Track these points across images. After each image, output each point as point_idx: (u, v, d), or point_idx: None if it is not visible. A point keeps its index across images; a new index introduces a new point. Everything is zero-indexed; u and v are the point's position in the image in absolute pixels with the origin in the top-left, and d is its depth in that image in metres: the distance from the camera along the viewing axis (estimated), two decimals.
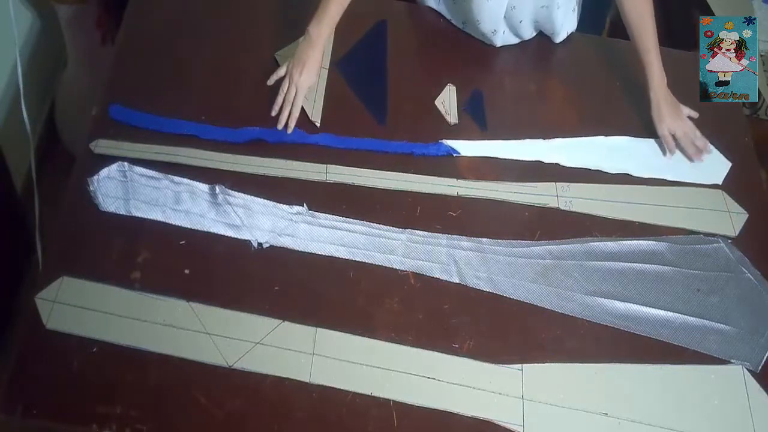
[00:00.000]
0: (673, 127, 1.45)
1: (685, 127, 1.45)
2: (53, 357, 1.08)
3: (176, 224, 1.22)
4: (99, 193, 1.22)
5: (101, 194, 1.22)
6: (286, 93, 1.37)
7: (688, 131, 1.45)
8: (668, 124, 1.45)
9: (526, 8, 1.51)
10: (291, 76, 1.37)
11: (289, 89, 1.37)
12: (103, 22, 1.91)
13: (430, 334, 1.18)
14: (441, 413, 1.11)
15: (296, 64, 1.37)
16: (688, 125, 1.46)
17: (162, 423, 1.05)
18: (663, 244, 1.34)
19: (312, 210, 1.28)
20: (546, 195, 1.37)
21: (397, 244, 1.26)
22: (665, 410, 1.16)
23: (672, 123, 1.45)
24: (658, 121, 1.45)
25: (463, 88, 1.51)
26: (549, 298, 1.25)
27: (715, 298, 1.28)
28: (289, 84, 1.37)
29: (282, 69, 1.40)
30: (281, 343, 1.13)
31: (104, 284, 1.14)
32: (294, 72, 1.37)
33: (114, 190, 1.24)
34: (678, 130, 1.45)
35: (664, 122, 1.45)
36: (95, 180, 1.23)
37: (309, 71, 1.37)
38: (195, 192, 1.25)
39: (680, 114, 1.46)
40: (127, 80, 1.41)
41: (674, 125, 1.45)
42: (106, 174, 1.24)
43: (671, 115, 1.45)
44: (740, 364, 1.21)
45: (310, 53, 1.37)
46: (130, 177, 1.25)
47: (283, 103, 1.37)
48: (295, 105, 1.37)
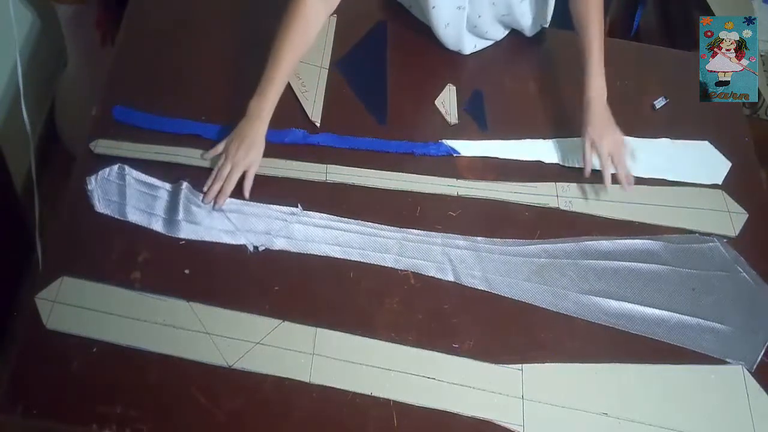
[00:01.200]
0: (596, 140, 1.28)
1: (611, 147, 1.29)
2: (53, 357, 1.08)
3: (171, 235, 1.21)
4: (96, 193, 1.22)
5: (98, 195, 1.22)
6: (221, 168, 1.25)
7: (615, 152, 1.28)
8: (592, 135, 1.29)
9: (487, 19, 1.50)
10: (227, 151, 1.26)
11: (224, 165, 1.25)
12: (103, 22, 1.92)
13: (430, 334, 1.18)
14: (441, 413, 1.11)
15: (234, 140, 1.27)
16: (617, 147, 1.30)
17: (162, 423, 1.05)
18: (658, 243, 1.34)
19: (312, 210, 1.28)
20: (546, 195, 1.37)
21: (392, 243, 1.26)
22: (665, 410, 1.16)
23: (597, 136, 1.28)
24: (583, 133, 1.32)
25: (463, 88, 1.51)
26: (544, 297, 1.25)
27: (711, 297, 1.28)
28: (224, 160, 1.26)
29: (220, 145, 1.29)
30: (281, 343, 1.13)
31: (104, 284, 1.14)
32: (231, 148, 1.26)
33: (111, 192, 1.23)
34: (601, 147, 1.29)
35: (588, 133, 1.30)
36: (93, 180, 1.23)
37: (247, 148, 1.25)
38: (190, 200, 1.24)
39: (612, 131, 1.32)
40: (127, 80, 1.41)
41: (599, 140, 1.28)
42: (105, 175, 1.24)
43: (599, 128, 1.29)
44: (735, 363, 1.21)
45: (248, 130, 1.27)
46: (128, 181, 1.24)
47: (215, 178, 1.25)
48: (227, 182, 1.24)
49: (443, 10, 1.47)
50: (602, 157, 1.31)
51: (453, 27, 1.50)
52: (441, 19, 1.49)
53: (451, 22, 1.49)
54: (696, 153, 1.50)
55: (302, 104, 1.42)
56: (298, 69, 1.46)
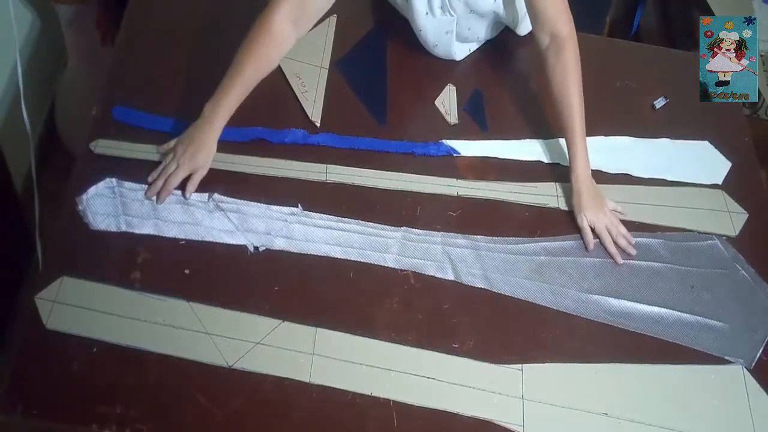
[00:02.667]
0: (592, 219, 1.32)
1: (606, 222, 1.33)
2: (53, 357, 1.08)
3: (170, 236, 1.21)
4: (89, 211, 1.21)
5: (91, 212, 1.21)
6: (167, 165, 1.24)
7: (611, 227, 1.33)
8: (588, 216, 1.32)
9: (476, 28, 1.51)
10: (176, 151, 1.24)
11: (171, 163, 1.24)
12: (103, 22, 1.91)
13: (430, 334, 1.18)
14: (441, 413, 1.11)
15: (183, 141, 1.25)
16: (611, 221, 1.33)
17: (162, 423, 1.05)
18: (658, 240, 1.34)
19: (312, 210, 1.28)
20: (546, 195, 1.38)
21: (392, 242, 1.26)
22: (665, 410, 1.16)
23: (592, 215, 1.32)
24: (577, 211, 1.33)
25: (463, 88, 1.51)
26: (544, 295, 1.25)
27: (709, 295, 1.28)
28: (172, 158, 1.24)
29: (172, 142, 1.27)
30: (281, 343, 1.13)
31: (104, 284, 1.14)
32: (178, 148, 1.24)
33: (104, 207, 1.22)
34: (598, 224, 1.32)
35: (583, 213, 1.32)
36: (84, 199, 1.22)
37: (194, 151, 1.23)
38: (187, 202, 1.24)
39: (603, 207, 1.34)
40: (127, 80, 1.41)
41: (594, 218, 1.32)
42: (94, 192, 1.23)
43: (592, 207, 1.33)
44: (734, 360, 1.21)
45: (197, 133, 1.24)
46: (119, 193, 1.24)
47: (159, 174, 1.24)
48: (170, 180, 1.23)
49: (430, 35, 1.48)
50: (602, 236, 1.32)
51: (442, 46, 1.51)
52: (428, 42, 1.50)
53: (439, 44, 1.50)
54: (696, 153, 1.50)
55: (302, 104, 1.42)
56: (298, 69, 1.47)
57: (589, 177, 1.35)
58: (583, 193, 1.33)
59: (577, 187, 1.34)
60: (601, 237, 1.32)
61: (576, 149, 1.34)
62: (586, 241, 1.32)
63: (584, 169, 1.34)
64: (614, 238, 1.32)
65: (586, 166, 1.34)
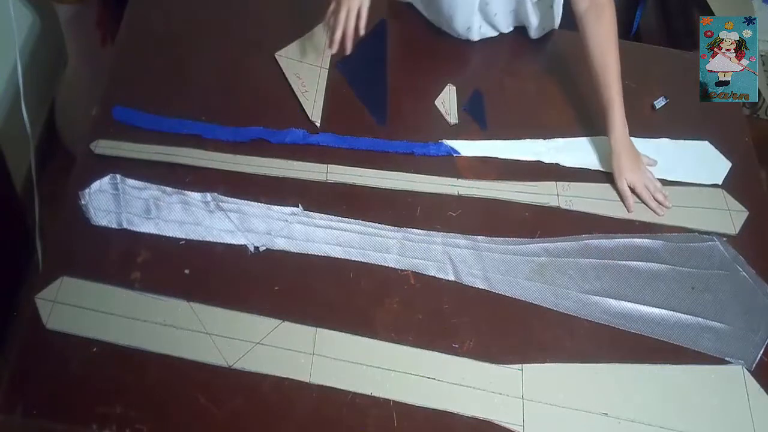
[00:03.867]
0: (632, 179, 1.37)
1: (645, 180, 1.38)
2: (53, 357, 1.08)
3: (170, 235, 1.21)
4: (91, 206, 1.21)
5: (93, 208, 1.21)
6: (336, 15, 1.31)
7: (648, 184, 1.38)
8: (628, 177, 1.37)
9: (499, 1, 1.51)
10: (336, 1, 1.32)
11: (339, 10, 1.31)
12: (103, 22, 1.92)
13: (430, 334, 1.18)
14: (441, 413, 1.11)
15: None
16: (648, 177, 1.38)
17: (162, 423, 1.05)
18: (658, 241, 1.34)
19: (313, 210, 1.28)
20: (547, 194, 1.37)
21: (393, 242, 1.26)
22: (665, 410, 1.16)
23: (632, 176, 1.37)
24: (618, 174, 1.38)
25: (463, 88, 1.51)
26: (544, 296, 1.25)
27: (710, 296, 1.28)
28: (337, 4, 1.31)
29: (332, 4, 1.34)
30: (281, 343, 1.13)
31: (104, 284, 1.14)
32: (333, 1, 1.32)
33: (106, 203, 1.22)
34: (638, 183, 1.37)
35: (624, 175, 1.37)
36: (87, 193, 1.22)
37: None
38: (188, 202, 1.24)
39: (640, 165, 1.39)
40: (128, 80, 1.41)
41: (634, 178, 1.37)
42: (97, 187, 1.23)
43: (631, 168, 1.37)
44: (734, 362, 1.21)
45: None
46: (122, 189, 1.24)
47: (335, 26, 1.31)
48: (348, 23, 1.30)
49: None
50: (642, 195, 1.38)
51: (461, 16, 1.51)
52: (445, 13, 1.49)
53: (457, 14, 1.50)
54: (696, 153, 1.50)
55: (302, 104, 1.42)
56: (298, 69, 1.47)
57: (627, 137, 1.38)
58: (623, 154, 1.37)
59: (617, 148, 1.37)
60: (642, 196, 1.37)
61: (614, 111, 1.37)
62: (627, 204, 1.37)
63: (622, 130, 1.37)
64: (652, 193, 1.37)
65: (624, 126, 1.37)
